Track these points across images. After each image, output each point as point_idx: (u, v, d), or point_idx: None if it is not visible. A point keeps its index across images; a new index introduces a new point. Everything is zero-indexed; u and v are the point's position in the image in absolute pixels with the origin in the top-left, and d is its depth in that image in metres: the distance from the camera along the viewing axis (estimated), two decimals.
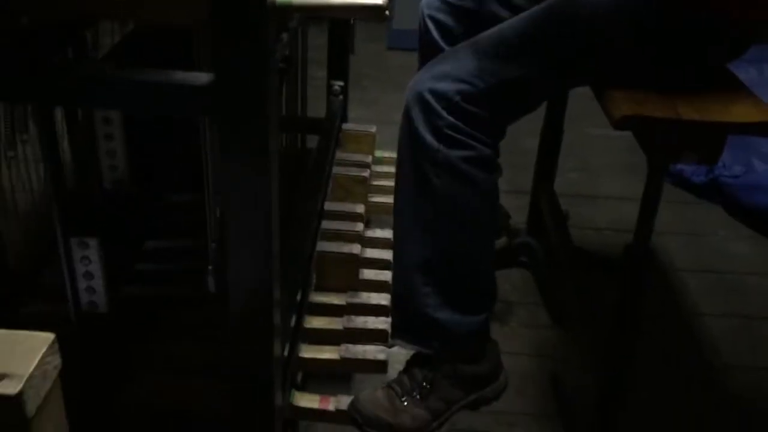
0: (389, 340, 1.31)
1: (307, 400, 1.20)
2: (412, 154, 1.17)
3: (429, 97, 1.13)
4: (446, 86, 1.12)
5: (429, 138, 1.13)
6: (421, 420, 1.20)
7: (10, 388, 0.42)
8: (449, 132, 1.12)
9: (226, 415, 0.97)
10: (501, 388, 1.30)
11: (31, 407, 0.43)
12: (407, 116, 1.17)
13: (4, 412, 0.42)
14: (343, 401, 1.21)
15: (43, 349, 0.45)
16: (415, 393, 1.21)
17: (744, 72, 2.46)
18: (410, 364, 1.27)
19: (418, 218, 1.19)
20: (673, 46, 1.14)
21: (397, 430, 1.19)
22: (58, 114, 0.98)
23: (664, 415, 1.47)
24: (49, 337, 0.45)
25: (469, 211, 1.17)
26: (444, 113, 1.12)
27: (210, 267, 1.04)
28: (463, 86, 1.12)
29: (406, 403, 1.21)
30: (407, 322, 1.24)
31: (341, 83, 1.91)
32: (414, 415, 1.20)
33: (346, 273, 1.45)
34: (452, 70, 1.13)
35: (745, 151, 2.18)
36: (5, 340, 0.44)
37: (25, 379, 0.43)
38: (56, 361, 0.46)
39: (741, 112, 1.04)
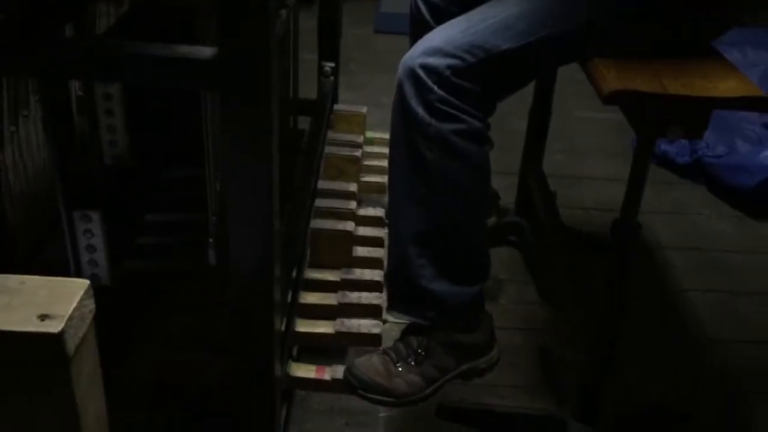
0: (384, 313, 1.33)
1: (304, 371, 1.23)
2: (405, 129, 1.19)
3: (420, 72, 1.15)
4: (437, 61, 1.14)
5: (421, 112, 1.15)
6: (415, 386, 1.23)
7: (53, 327, 0.45)
8: (440, 106, 1.15)
9: (226, 387, 0.99)
10: (494, 360, 1.33)
11: (70, 346, 0.46)
12: (399, 91, 1.19)
13: (47, 349, 0.44)
14: (338, 371, 1.24)
15: (81, 293, 0.47)
16: (410, 359, 1.24)
17: (728, 54, 2.49)
18: (406, 333, 1.29)
19: (411, 192, 1.22)
20: (664, 23, 1.18)
21: (392, 394, 1.22)
22: (61, 89, 0.99)
23: (651, 389, 1.51)
24: (84, 282, 0.48)
25: (461, 184, 1.20)
26: (435, 87, 1.14)
27: (210, 240, 1.06)
28: (453, 61, 1.14)
29: (400, 369, 1.24)
30: (402, 293, 1.27)
31: (332, 64, 1.92)
32: (408, 380, 1.23)
33: (339, 250, 1.48)
34: (443, 45, 1.15)
35: (729, 132, 2.23)
36: (45, 285, 0.46)
37: (66, 319, 0.45)
38: (92, 305, 0.48)
39: (726, 88, 1.08)
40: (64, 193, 0.98)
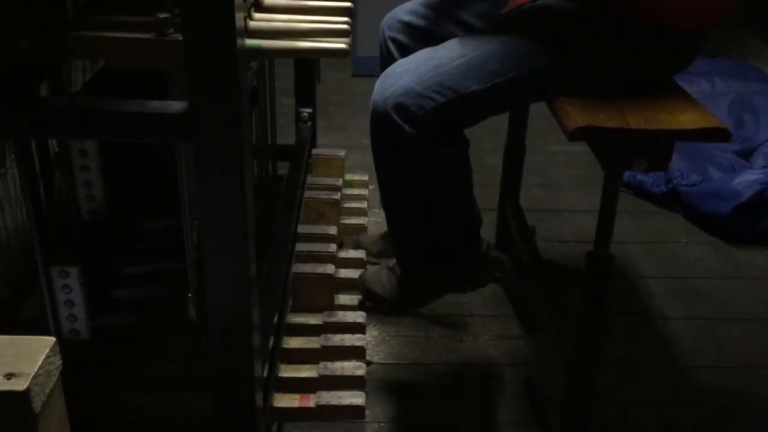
0: (368, 355, 1.37)
1: (288, 400, 1.23)
2: (387, 162, 1.31)
3: (393, 114, 1.21)
4: (409, 101, 1.20)
5: (398, 151, 1.24)
6: (415, 297, 1.52)
7: (18, 385, 0.46)
8: (415, 144, 1.21)
9: (208, 425, 0.99)
10: (489, 275, 1.56)
11: (37, 403, 0.46)
12: (375, 131, 1.25)
13: (13, 407, 0.45)
14: (323, 397, 1.24)
15: (46, 351, 0.48)
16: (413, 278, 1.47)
17: (696, 85, 2.58)
18: None
19: (402, 202, 1.39)
20: (626, 59, 1.22)
21: (392, 304, 1.51)
22: (37, 147, 1.01)
23: (633, 416, 1.52)
24: (50, 340, 0.49)
25: (447, 186, 1.36)
26: (407, 127, 1.21)
27: (190, 295, 1.07)
28: (425, 101, 1.19)
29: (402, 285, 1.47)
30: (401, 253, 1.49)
31: (309, 110, 1.96)
32: (409, 294, 1.49)
33: (321, 293, 1.49)
34: (415, 86, 1.20)
35: (701, 161, 2.27)
36: (10, 344, 0.47)
37: (31, 376, 0.46)
38: (58, 362, 0.49)
39: (686, 120, 1.11)
40: (42, 250, 0.99)
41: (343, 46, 0.90)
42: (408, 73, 1.22)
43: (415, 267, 1.48)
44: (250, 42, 0.88)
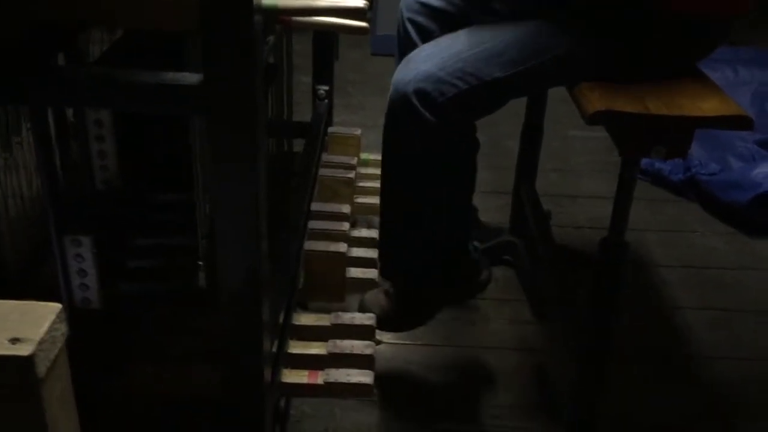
0: (377, 334, 1.36)
1: (296, 376, 1.23)
2: (397, 147, 1.27)
3: (413, 98, 1.18)
4: (430, 87, 1.17)
5: (415, 136, 1.21)
6: (412, 316, 1.51)
7: (23, 350, 0.46)
8: (433, 129, 1.19)
9: (218, 399, 1.00)
10: (485, 282, 1.54)
11: (41, 369, 0.47)
12: (392, 115, 1.22)
13: (17, 373, 0.45)
14: (332, 374, 1.24)
15: (52, 317, 0.48)
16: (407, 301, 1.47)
17: (720, 72, 2.54)
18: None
19: (403, 207, 1.35)
20: (650, 47, 1.20)
21: (387, 325, 1.49)
22: (51, 116, 1.01)
23: (646, 406, 1.51)
24: (56, 306, 0.49)
25: (449, 187, 1.33)
26: (427, 114, 1.18)
27: (200, 263, 1.07)
28: (446, 87, 1.18)
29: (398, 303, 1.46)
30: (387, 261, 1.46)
31: (326, 87, 1.94)
32: (404, 317, 1.49)
33: (333, 271, 1.49)
34: (437, 71, 1.18)
35: (721, 150, 2.24)
36: (16, 309, 0.47)
37: (36, 342, 0.46)
38: (63, 328, 0.49)
39: (707, 107, 1.09)
40: (55, 219, 0.99)
41: (360, 4, 0.90)
42: (430, 59, 1.21)
43: (406, 276, 1.46)
44: (267, 1, 0.87)
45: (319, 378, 1.24)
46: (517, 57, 1.19)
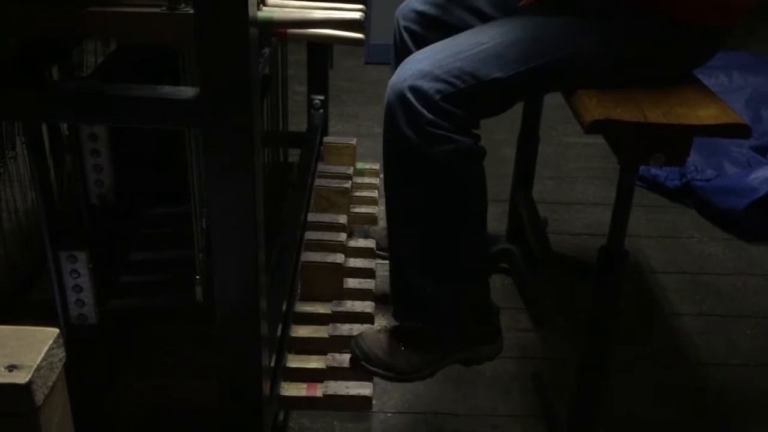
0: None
1: (295, 389, 1.22)
2: (396, 151, 1.23)
3: (409, 95, 1.17)
4: (426, 84, 1.16)
5: (411, 135, 1.18)
6: (415, 366, 1.32)
7: (20, 377, 0.45)
8: (430, 129, 1.17)
9: (217, 413, 0.99)
10: (497, 350, 1.40)
11: (39, 396, 0.46)
12: (389, 114, 1.21)
13: (14, 400, 0.44)
14: (330, 387, 1.24)
15: (50, 342, 0.47)
16: (414, 342, 1.32)
17: (715, 78, 2.54)
18: None
19: (407, 213, 1.26)
20: (648, 54, 1.20)
21: (392, 369, 1.30)
22: (46, 130, 1.01)
23: (644, 413, 1.51)
24: (54, 331, 0.48)
25: (454, 201, 1.24)
26: (424, 111, 1.16)
27: (197, 277, 1.06)
28: (443, 86, 1.16)
29: (403, 348, 1.31)
30: (399, 302, 1.34)
31: (321, 97, 1.94)
32: (409, 360, 1.31)
33: (330, 282, 1.48)
34: (433, 69, 1.17)
35: (717, 155, 2.24)
36: (13, 335, 0.46)
37: (33, 369, 0.45)
38: (61, 354, 0.48)
39: (706, 115, 1.09)
40: (51, 234, 0.98)
41: (356, 16, 0.90)
42: (427, 59, 1.20)
43: (415, 315, 1.33)
44: (262, 14, 0.86)
45: (318, 391, 1.24)
46: (516, 58, 1.19)
